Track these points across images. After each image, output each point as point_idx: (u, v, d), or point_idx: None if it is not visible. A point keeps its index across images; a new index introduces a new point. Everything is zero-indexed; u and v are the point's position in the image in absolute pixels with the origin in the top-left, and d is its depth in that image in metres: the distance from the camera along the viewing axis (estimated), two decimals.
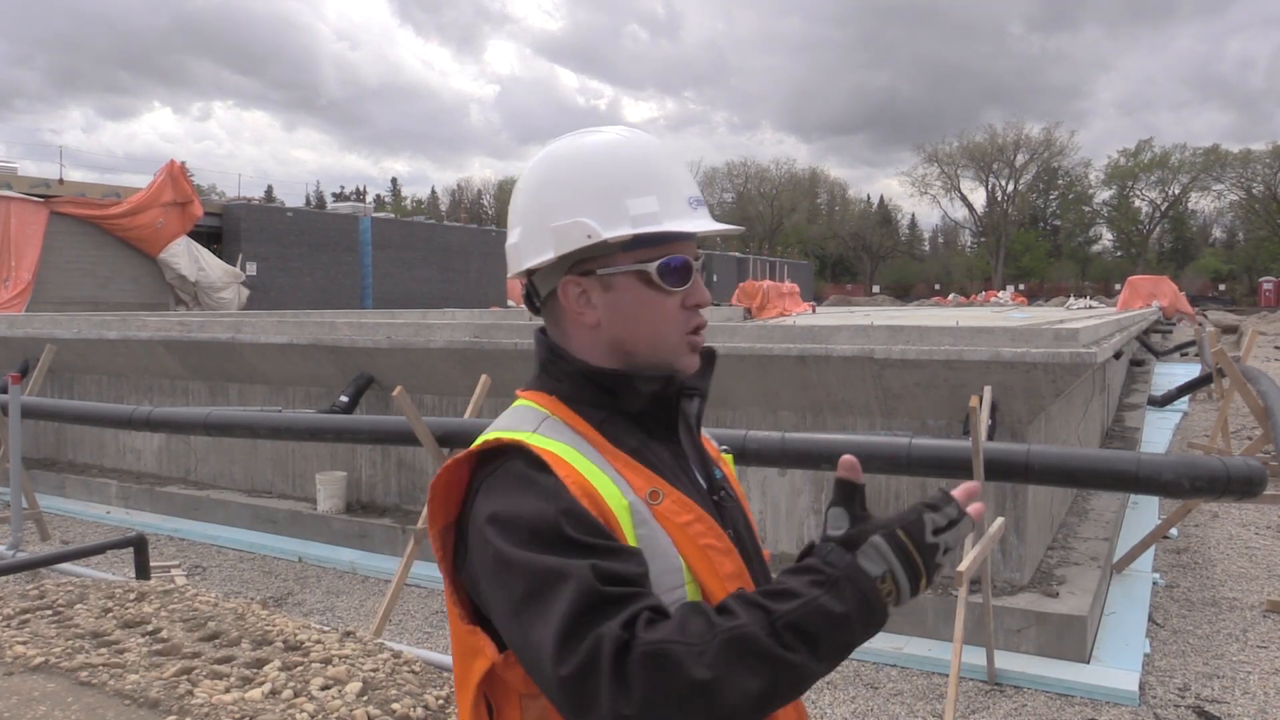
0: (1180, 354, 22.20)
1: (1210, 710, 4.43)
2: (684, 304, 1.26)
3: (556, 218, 1.25)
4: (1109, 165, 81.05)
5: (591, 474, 1.16)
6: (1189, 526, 7.72)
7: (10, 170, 22.63)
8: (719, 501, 1.30)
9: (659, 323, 1.25)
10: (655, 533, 1.16)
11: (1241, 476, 3.91)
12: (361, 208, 32.90)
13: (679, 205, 1.26)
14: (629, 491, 1.17)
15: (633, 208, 1.23)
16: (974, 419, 4.21)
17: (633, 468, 1.21)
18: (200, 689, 3.77)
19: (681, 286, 1.25)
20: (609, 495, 1.15)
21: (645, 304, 1.25)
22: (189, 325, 9.28)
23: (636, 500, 1.17)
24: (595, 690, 0.96)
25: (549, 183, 1.28)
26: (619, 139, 1.29)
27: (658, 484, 1.20)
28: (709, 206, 1.33)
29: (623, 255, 1.24)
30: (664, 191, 1.25)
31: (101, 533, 7.95)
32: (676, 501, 1.20)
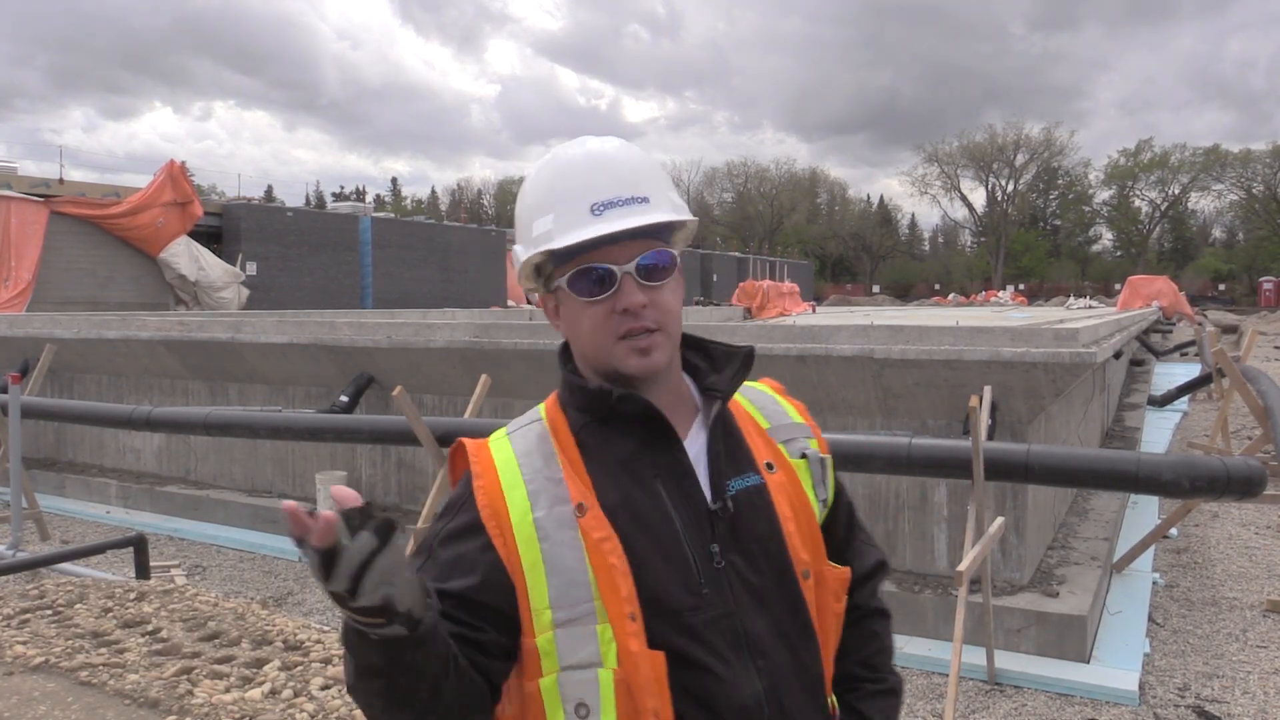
0: (1180, 354, 22.20)
1: (1210, 710, 4.43)
2: (614, 309, 1.27)
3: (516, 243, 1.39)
4: (1109, 165, 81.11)
5: (511, 488, 1.26)
6: (1189, 526, 7.72)
7: (10, 170, 22.62)
8: (718, 511, 1.28)
9: (590, 331, 1.29)
10: (560, 548, 1.22)
11: (1241, 476, 3.91)
12: (361, 207, 32.92)
13: (578, 216, 1.27)
14: (549, 505, 1.24)
15: (535, 228, 1.31)
16: (974, 419, 4.21)
17: (577, 478, 1.27)
18: (200, 689, 3.77)
19: (599, 295, 1.27)
20: (514, 511, 1.24)
21: (578, 314, 1.30)
22: (189, 325, 9.28)
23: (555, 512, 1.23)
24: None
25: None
26: (549, 159, 1.36)
27: (587, 498, 1.24)
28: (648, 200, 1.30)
29: (556, 271, 1.31)
30: (563, 206, 1.28)
31: (101, 533, 7.95)
32: (595, 517, 1.23)
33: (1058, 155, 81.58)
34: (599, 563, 1.20)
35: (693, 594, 1.24)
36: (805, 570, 1.32)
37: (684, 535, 1.26)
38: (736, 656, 1.24)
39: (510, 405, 7.20)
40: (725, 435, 1.35)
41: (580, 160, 1.32)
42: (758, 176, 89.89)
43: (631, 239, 1.27)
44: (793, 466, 1.38)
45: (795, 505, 1.34)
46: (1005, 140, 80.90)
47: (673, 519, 1.26)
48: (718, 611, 1.24)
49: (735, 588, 1.26)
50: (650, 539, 1.24)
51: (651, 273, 1.29)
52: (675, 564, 1.24)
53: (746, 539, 1.29)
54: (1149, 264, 70.25)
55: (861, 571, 1.45)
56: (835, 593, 1.36)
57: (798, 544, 1.32)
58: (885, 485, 5.79)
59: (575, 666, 1.19)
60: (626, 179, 1.30)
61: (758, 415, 1.43)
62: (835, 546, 1.41)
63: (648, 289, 1.28)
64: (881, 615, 1.50)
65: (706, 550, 1.26)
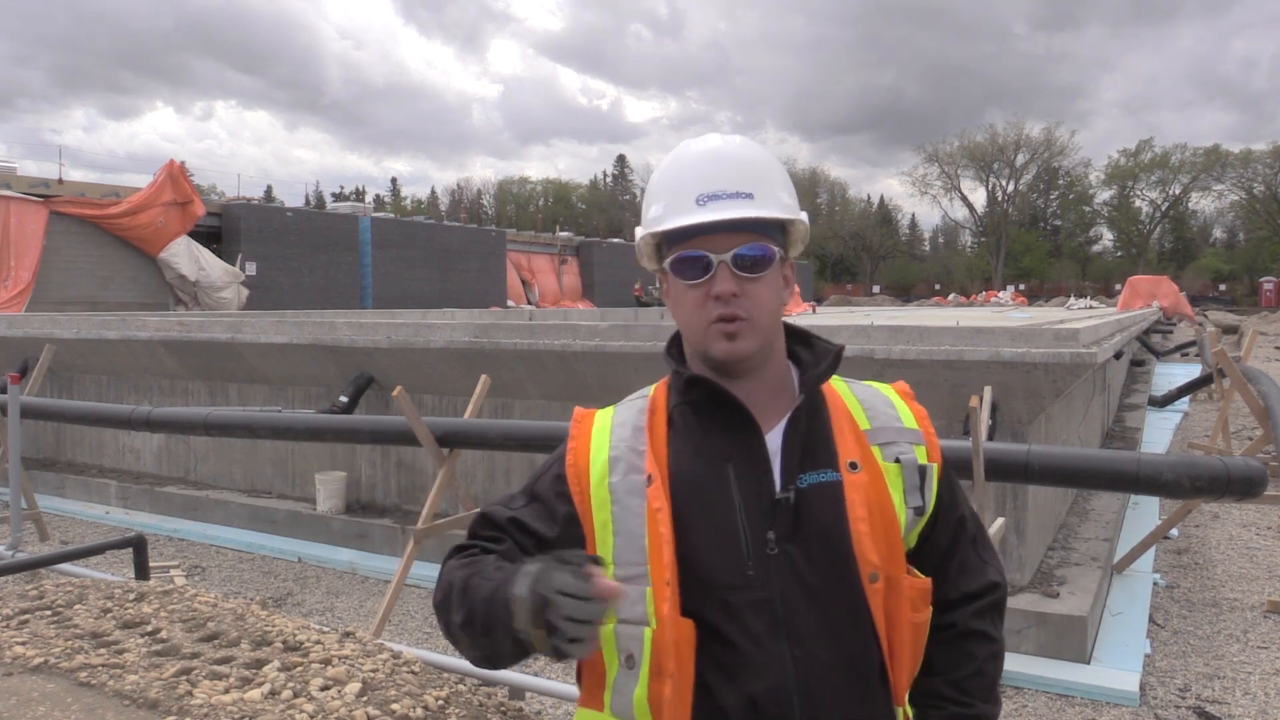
0: (1180, 354, 22.20)
1: (1211, 711, 4.42)
2: (708, 295, 1.35)
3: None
4: (1109, 165, 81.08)
5: (597, 450, 1.41)
6: (1189, 527, 7.71)
7: (10, 170, 22.62)
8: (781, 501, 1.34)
9: (684, 312, 1.40)
10: (627, 513, 1.35)
11: (1242, 477, 3.91)
12: (361, 207, 32.92)
13: (684, 205, 1.37)
14: (626, 473, 1.37)
15: (649, 212, 1.43)
16: (974, 419, 4.21)
17: (658, 451, 1.38)
18: (200, 689, 3.77)
19: (697, 279, 1.37)
20: (594, 473, 1.39)
21: (677, 295, 1.41)
22: (189, 325, 9.27)
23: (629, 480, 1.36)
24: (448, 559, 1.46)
25: None
26: (674, 151, 1.46)
27: (657, 471, 1.35)
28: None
29: (668, 254, 1.42)
30: (674, 194, 1.39)
31: (101, 533, 7.95)
32: (658, 489, 1.33)
33: (1058, 155, 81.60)
34: (653, 530, 1.31)
35: (737, 573, 1.31)
36: (873, 573, 1.33)
37: (741, 517, 1.33)
38: (772, 641, 1.30)
39: (510, 405, 7.19)
40: (807, 429, 1.39)
41: (698, 154, 1.41)
42: None
43: (734, 231, 1.35)
44: (881, 469, 1.39)
45: (873, 507, 1.36)
46: (1006, 140, 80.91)
47: (733, 500, 1.33)
48: (760, 595, 1.30)
49: (785, 576, 1.32)
50: (706, 516, 1.33)
51: (748, 264, 1.36)
52: (726, 542, 1.32)
53: (808, 532, 1.33)
54: (1149, 264, 70.27)
55: (965, 590, 1.48)
56: (912, 601, 1.36)
57: (867, 545, 1.33)
58: None
59: (628, 621, 1.30)
60: (736, 175, 1.37)
61: (860, 415, 1.45)
62: (934, 559, 1.45)
63: (742, 279, 1.35)
64: (983, 639, 1.52)
65: (763, 535, 1.32)
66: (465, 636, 1.33)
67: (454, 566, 1.40)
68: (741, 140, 1.44)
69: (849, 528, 1.33)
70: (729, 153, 1.41)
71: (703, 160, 1.40)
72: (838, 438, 1.39)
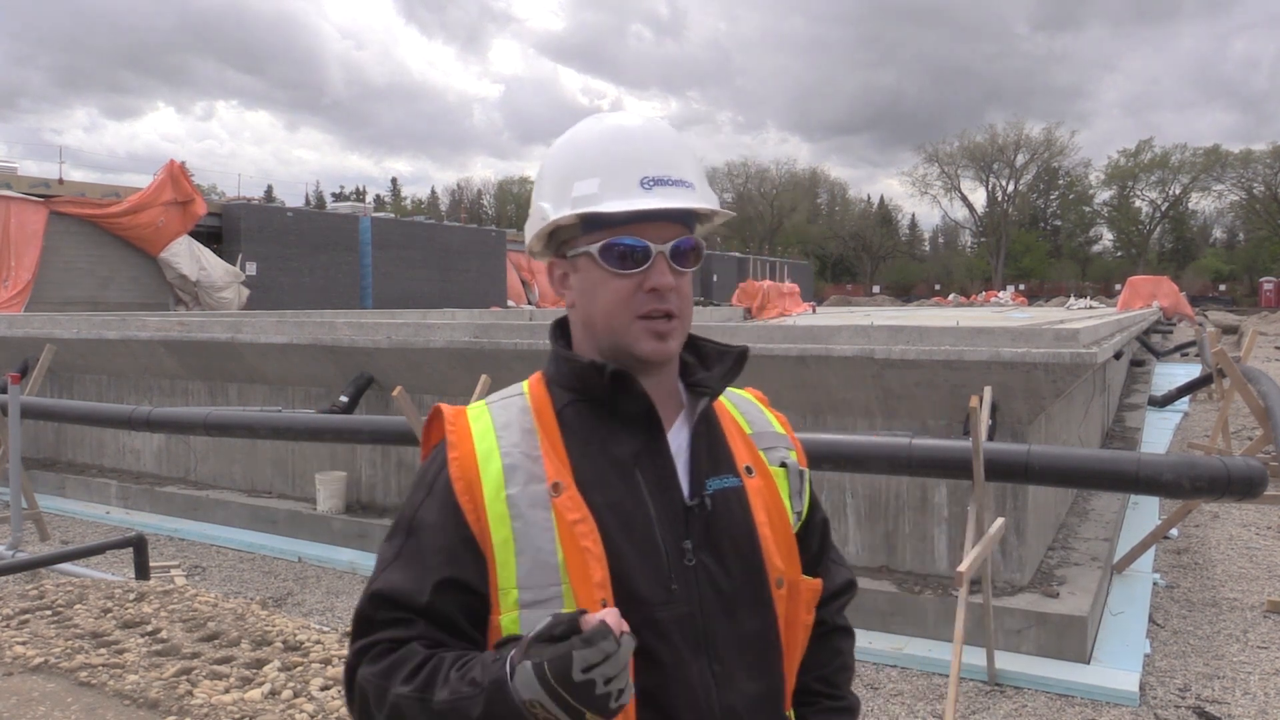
0: (1180, 354, 22.20)
1: (1211, 711, 4.42)
2: (641, 287, 1.24)
3: (533, 203, 1.33)
4: (1109, 165, 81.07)
5: (487, 460, 1.23)
6: (1189, 527, 7.71)
7: (10, 170, 22.62)
8: (695, 508, 1.25)
9: (609, 304, 1.25)
10: (532, 528, 1.19)
11: (1242, 477, 3.91)
12: (361, 207, 32.92)
13: (626, 186, 1.24)
14: (525, 483, 1.21)
15: (576, 189, 1.26)
16: (974, 419, 4.21)
17: (555, 457, 1.23)
18: (200, 689, 3.77)
19: (630, 269, 1.24)
20: (488, 486, 1.21)
21: (599, 285, 1.26)
22: (189, 325, 9.27)
23: (530, 491, 1.20)
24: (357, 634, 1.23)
25: (538, 171, 1.36)
26: (591, 123, 1.32)
27: (564, 478, 1.21)
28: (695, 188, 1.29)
29: (583, 238, 1.27)
30: (611, 172, 1.25)
31: (101, 533, 7.95)
32: (571, 499, 1.20)
33: (1058, 155, 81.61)
34: (571, 545, 1.17)
35: (663, 588, 1.21)
36: (779, 578, 1.30)
37: (658, 527, 1.23)
38: (695, 658, 1.21)
39: None
40: (708, 433, 1.33)
41: (635, 130, 1.29)
42: (758, 177, 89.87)
43: (668, 220, 1.26)
44: (772, 474, 1.36)
45: (771, 512, 1.33)
46: (1006, 140, 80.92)
47: (649, 509, 1.23)
48: (684, 610, 1.21)
49: (703, 588, 1.24)
50: (624, 526, 1.21)
51: (683, 257, 1.27)
52: (647, 555, 1.21)
53: (720, 540, 1.26)
54: (1149, 264, 70.26)
55: (832, 588, 1.45)
56: (807, 604, 1.35)
57: (773, 550, 1.30)
58: (885, 485, 5.79)
59: None
60: (675, 160, 1.28)
61: (741, 420, 1.41)
62: (808, 561, 1.40)
63: (676, 273, 1.26)
64: (846, 634, 1.50)
65: (679, 546, 1.23)
66: None
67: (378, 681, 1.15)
68: (667, 122, 1.33)
69: (756, 533, 1.29)
70: (667, 134, 1.31)
71: (641, 139, 1.28)
72: (730, 442, 1.35)
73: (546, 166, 1.33)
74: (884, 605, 5.33)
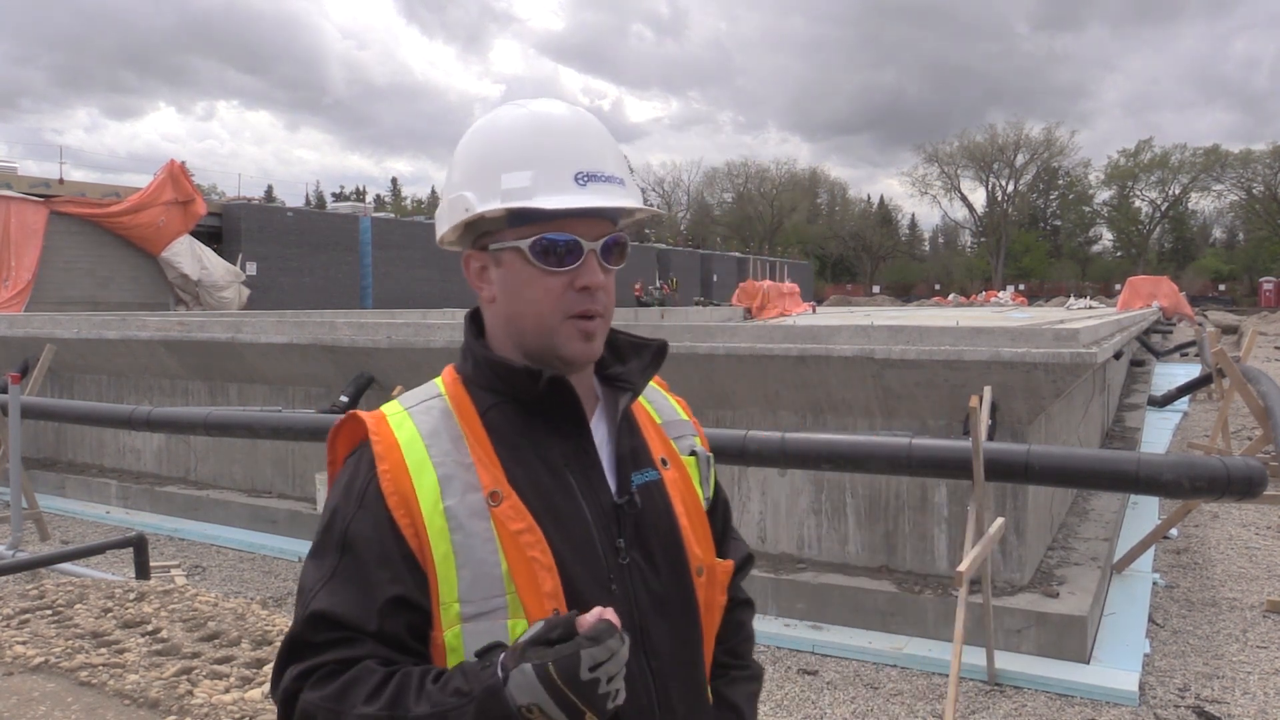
0: (1180, 354, 22.20)
1: (1210, 710, 4.43)
2: (572, 285, 1.21)
3: (450, 190, 1.28)
4: (1109, 165, 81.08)
5: (420, 471, 1.17)
6: (1189, 527, 7.72)
7: (10, 170, 22.63)
8: (624, 506, 1.25)
9: (538, 302, 1.22)
10: (473, 540, 1.15)
11: (1241, 477, 3.91)
12: (361, 207, 32.94)
13: (560, 180, 1.20)
14: (461, 493, 1.16)
15: (505, 182, 1.21)
16: (974, 419, 4.21)
17: (489, 464, 1.19)
18: (200, 689, 3.77)
19: (561, 266, 1.21)
20: (424, 499, 1.16)
21: (527, 282, 1.22)
22: (189, 325, 9.28)
23: (468, 501, 1.16)
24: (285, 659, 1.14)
25: (455, 156, 1.30)
26: (518, 112, 1.27)
27: (502, 486, 1.18)
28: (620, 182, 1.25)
29: (509, 231, 1.23)
30: (545, 166, 1.21)
31: (101, 533, 7.95)
32: (513, 507, 1.17)
33: (1058, 155, 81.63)
34: (516, 556, 1.15)
35: (603, 590, 1.20)
36: (699, 567, 1.32)
37: (594, 529, 1.21)
38: (634, 656, 1.18)
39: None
40: (628, 428, 1.32)
41: (564, 122, 1.25)
42: (758, 176, 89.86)
43: (597, 217, 1.23)
44: (684, 464, 1.37)
45: (688, 502, 1.33)
46: (1005, 140, 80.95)
47: (584, 511, 1.22)
48: (623, 609, 1.18)
49: (636, 585, 1.24)
50: (563, 532, 1.19)
51: (612, 255, 1.25)
52: (586, 559, 1.20)
53: (649, 536, 1.26)
54: (1149, 264, 70.28)
55: (737, 565, 1.47)
56: (721, 586, 1.36)
57: (692, 540, 1.31)
58: (885, 485, 5.79)
59: None
60: (607, 155, 1.25)
61: (651, 409, 1.41)
62: (716, 543, 1.41)
63: (605, 271, 1.24)
64: (748, 606, 1.52)
65: (614, 545, 1.23)
66: None
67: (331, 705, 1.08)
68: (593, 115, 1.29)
69: (678, 524, 1.29)
70: (597, 127, 1.27)
71: (573, 132, 1.24)
72: (645, 435, 1.34)
73: (468, 153, 1.27)
74: (884, 605, 5.33)
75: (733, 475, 6.19)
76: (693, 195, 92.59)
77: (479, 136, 1.28)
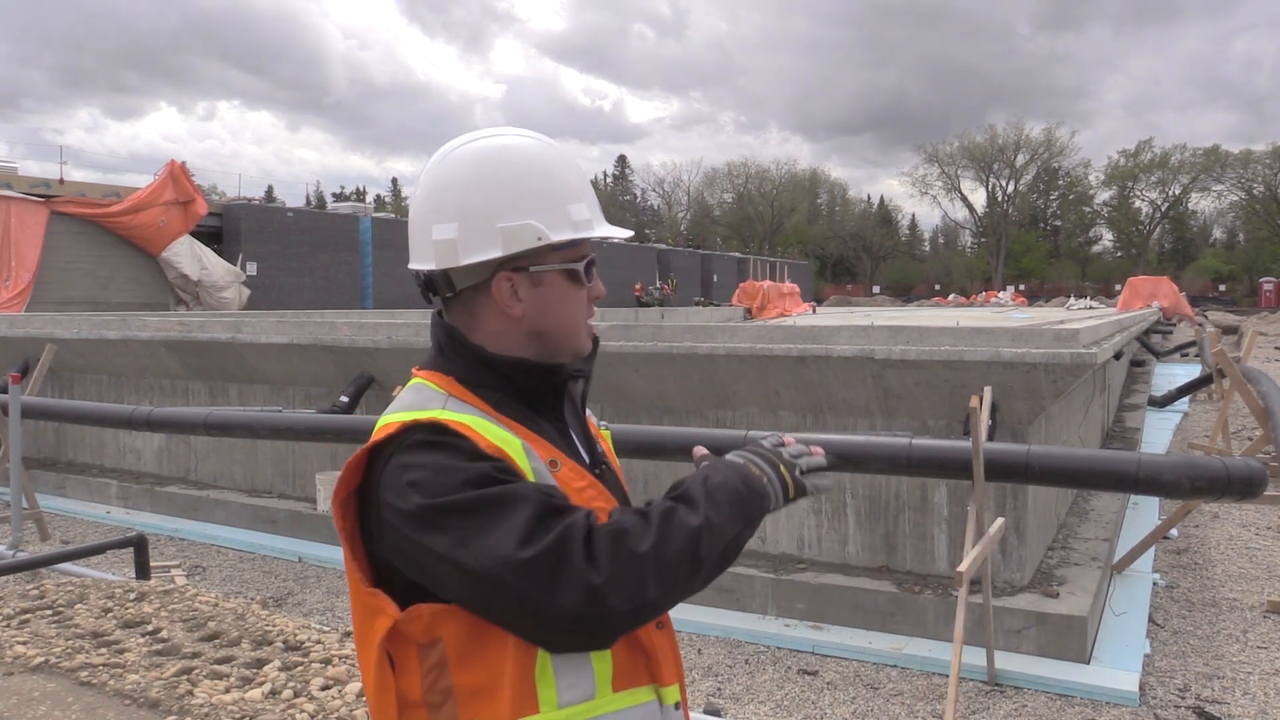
0: (1180, 354, 22.20)
1: (1210, 711, 4.43)
2: (590, 296, 1.46)
3: (505, 219, 1.35)
4: (1109, 166, 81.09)
5: (504, 440, 1.30)
6: (1189, 527, 7.72)
7: (11, 170, 22.63)
8: (600, 474, 1.45)
9: (575, 313, 1.43)
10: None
11: (1242, 477, 3.91)
12: (361, 207, 32.94)
13: (598, 212, 1.45)
14: (534, 458, 1.32)
15: (574, 214, 1.39)
16: (974, 419, 4.21)
17: (534, 439, 1.35)
18: (200, 689, 3.77)
19: (589, 283, 1.45)
20: (519, 459, 1.29)
21: (568, 298, 1.42)
22: (189, 325, 9.28)
23: (540, 466, 1.32)
24: (564, 566, 1.13)
25: (489, 184, 1.36)
26: (548, 147, 1.43)
27: (556, 455, 1.35)
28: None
29: (551, 255, 1.39)
30: (589, 199, 1.44)
31: (101, 533, 7.95)
32: (572, 470, 1.36)
33: (1058, 156, 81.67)
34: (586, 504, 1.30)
35: None
36: None
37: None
38: None
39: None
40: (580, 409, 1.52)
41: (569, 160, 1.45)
42: (758, 177, 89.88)
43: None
44: (604, 435, 1.60)
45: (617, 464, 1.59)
46: (1005, 140, 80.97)
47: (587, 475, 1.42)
48: None
49: None
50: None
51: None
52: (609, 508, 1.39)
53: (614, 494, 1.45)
54: (1149, 265, 70.30)
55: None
56: None
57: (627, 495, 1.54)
58: (885, 485, 5.79)
59: None
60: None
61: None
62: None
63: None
64: None
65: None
66: (717, 529, 1.24)
67: (633, 516, 1.24)
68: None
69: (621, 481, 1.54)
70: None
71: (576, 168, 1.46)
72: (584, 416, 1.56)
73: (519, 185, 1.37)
74: (884, 605, 5.33)
75: None
76: (693, 195, 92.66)
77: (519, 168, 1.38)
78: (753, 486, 1.30)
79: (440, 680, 1.26)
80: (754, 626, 5.41)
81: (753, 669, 4.96)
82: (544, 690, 1.24)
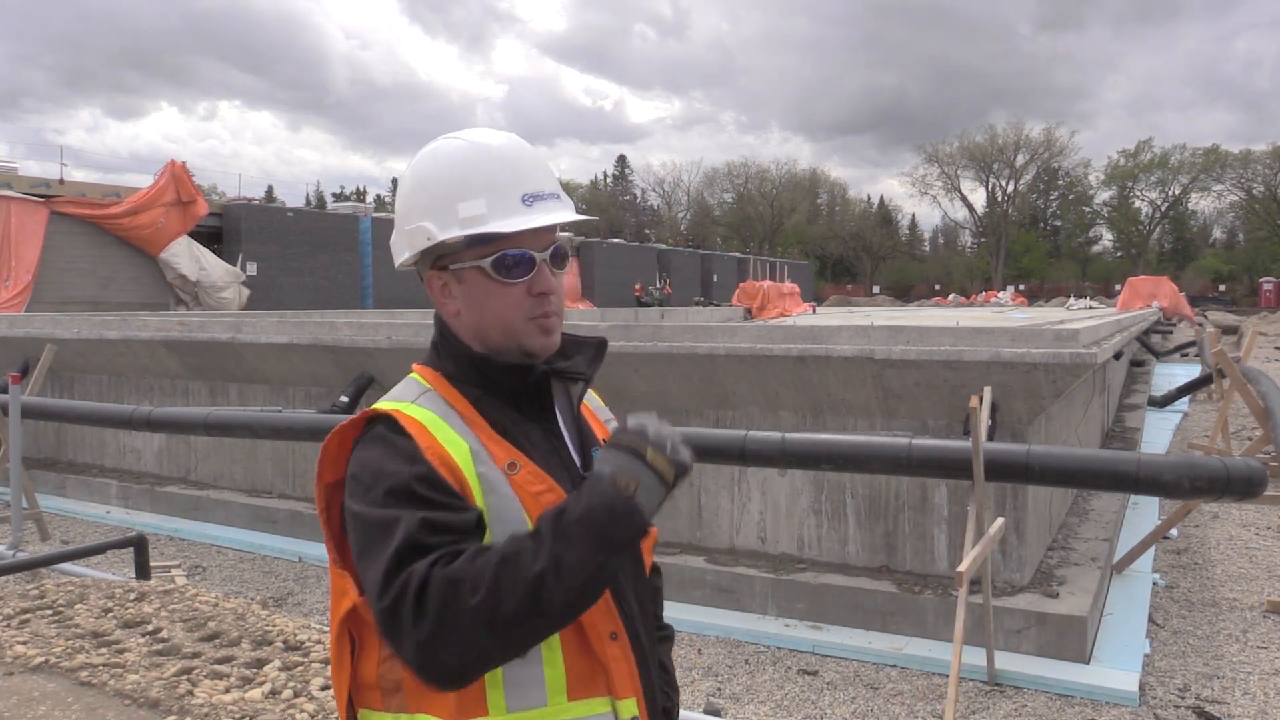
0: (1180, 354, 22.21)
1: (1210, 711, 4.43)
2: (530, 291, 1.39)
3: (408, 221, 1.43)
4: (1109, 166, 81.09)
5: (451, 443, 1.30)
6: (1189, 527, 7.72)
7: (11, 170, 22.63)
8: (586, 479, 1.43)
9: (503, 310, 1.39)
10: (505, 500, 1.30)
11: (1241, 477, 3.91)
12: (361, 207, 32.93)
13: (510, 204, 1.38)
14: (487, 462, 1.31)
15: (462, 211, 1.37)
16: (974, 419, 4.21)
17: (496, 441, 1.35)
18: (200, 689, 3.78)
19: (520, 278, 1.38)
20: (463, 464, 1.29)
21: (491, 294, 1.39)
22: (189, 325, 9.28)
23: (492, 470, 1.31)
24: (402, 619, 1.14)
25: (407, 188, 1.46)
26: (460, 145, 1.42)
27: (516, 457, 1.34)
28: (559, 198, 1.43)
29: (467, 252, 1.39)
30: (495, 193, 1.38)
31: (101, 533, 7.95)
32: (532, 473, 1.33)
33: (1058, 156, 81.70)
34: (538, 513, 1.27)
35: None
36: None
37: None
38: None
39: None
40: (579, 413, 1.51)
41: (506, 151, 1.42)
42: (758, 177, 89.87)
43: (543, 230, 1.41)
44: None
45: None
46: (1005, 141, 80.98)
47: (568, 481, 1.38)
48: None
49: None
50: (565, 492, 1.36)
51: (559, 261, 1.43)
52: None
53: None
54: (1149, 265, 70.32)
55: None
56: (650, 547, 1.58)
57: None
58: (885, 485, 5.79)
59: None
60: (543, 175, 1.43)
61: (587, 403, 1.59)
62: None
63: (554, 275, 1.43)
64: (658, 572, 1.70)
65: None
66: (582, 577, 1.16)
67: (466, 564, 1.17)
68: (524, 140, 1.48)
69: None
70: (530, 151, 1.45)
71: (513, 158, 1.41)
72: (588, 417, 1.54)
73: (418, 185, 1.42)
74: (884, 605, 5.33)
75: (733, 475, 6.20)
76: (693, 195, 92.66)
77: (427, 171, 1.43)
78: (617, 508, 1.17)
79: (393, 671, 1.31)
80: (754, 626, 5.41)
81: (753, 669, 4.96)
82: (492, 693, 1.28)
